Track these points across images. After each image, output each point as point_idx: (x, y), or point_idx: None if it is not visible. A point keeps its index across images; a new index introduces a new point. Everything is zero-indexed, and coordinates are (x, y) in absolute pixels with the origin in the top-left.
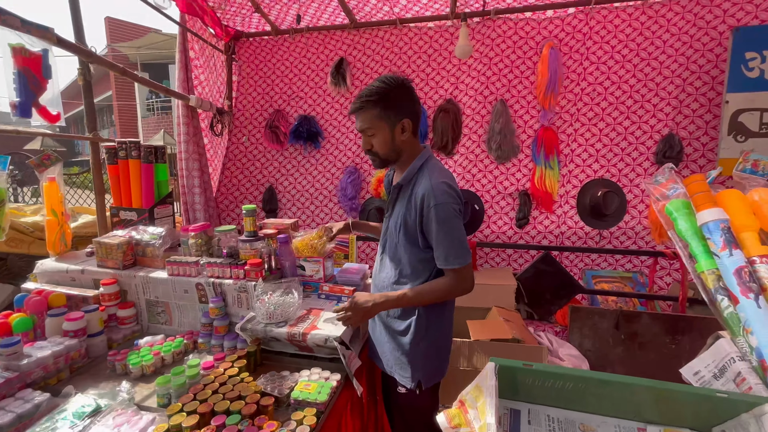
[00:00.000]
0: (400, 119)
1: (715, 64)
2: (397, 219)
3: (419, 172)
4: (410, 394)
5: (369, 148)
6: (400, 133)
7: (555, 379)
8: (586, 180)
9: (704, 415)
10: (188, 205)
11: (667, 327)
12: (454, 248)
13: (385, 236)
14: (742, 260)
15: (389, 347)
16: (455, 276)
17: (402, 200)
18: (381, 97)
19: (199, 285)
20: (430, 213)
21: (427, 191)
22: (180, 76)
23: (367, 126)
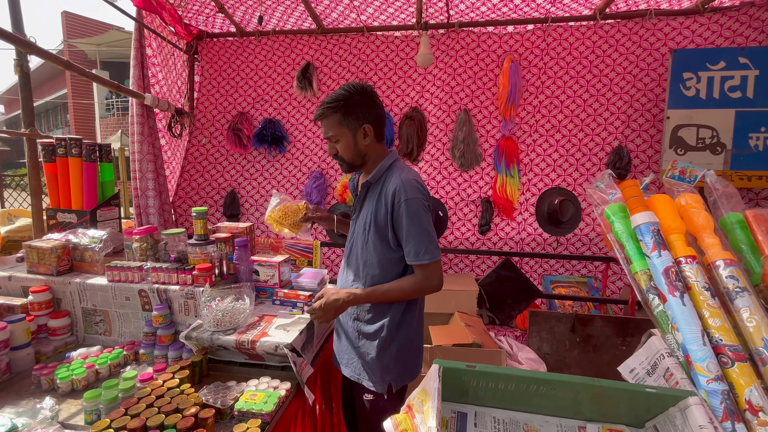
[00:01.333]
0: (361, 124)
1: (657, 83)
2: (366, 218)
3: (388, 171)
4: (378, 399)
5: (335, 153)
6: (362, 138)
7: (498, 380)
8: (544, 188)
9: (638, 411)
10: (141, 209)
11: (618, 329)
12: (424, 243)
13: (351, 238)
14: (670, 260)
15: (358, 352)
16: (424, 272)
17: (371, 199)
18: (342, 104)
19: (142, 292)
20: (401, 207)
21: (398, 186)
22: (135, 73)
23: (331, 133)
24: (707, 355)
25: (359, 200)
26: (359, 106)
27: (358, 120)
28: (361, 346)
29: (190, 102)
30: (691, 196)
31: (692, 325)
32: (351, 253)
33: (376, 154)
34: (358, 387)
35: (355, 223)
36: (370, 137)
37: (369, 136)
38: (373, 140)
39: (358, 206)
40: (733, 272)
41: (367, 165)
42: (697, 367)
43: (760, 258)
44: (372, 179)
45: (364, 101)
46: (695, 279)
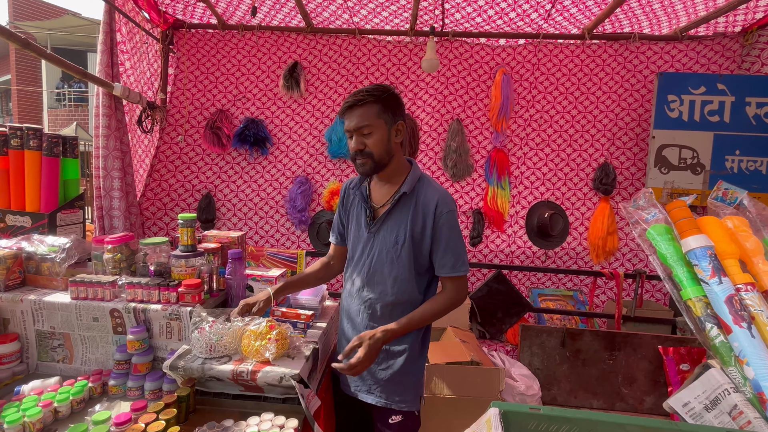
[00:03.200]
0: (397, 121)
1: (641, 104)
2: (399, 230)
3: (420, 182)
4: (407, 419)
5: (361, 149)
6: (395, 135)
7: (560, 423)
8: (534, 201)
9: None
10: (104, 211)
11: (606, 343)
12: (461, 255)
13: (370, 254)
14: (732, 288)
15: (386, 374)
16: (457, 284)
17: (403, 210)
18: (381, 96)
19: (115, 311)
20: (443, 218)
21: (440, 198)
22: (103, 60)
23: (365, 123)
24: None
25: (386, 211)
26: (397, 103)
27: (395, 116)
28: (390, 366)
29: (164, 95)
30: (739, 219)
31: (765, 359)
32: (373, 269)
33: (399, 159)
34: (384, 412)
35: (374, 237)
36: (401, 136)
37: (401, 134)
38: (402, 142)
39: (383, 217)
40: None
41: (388, 169)
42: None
43: None
44: (407, 188)
45: (399, 101)
46: (758, 308)
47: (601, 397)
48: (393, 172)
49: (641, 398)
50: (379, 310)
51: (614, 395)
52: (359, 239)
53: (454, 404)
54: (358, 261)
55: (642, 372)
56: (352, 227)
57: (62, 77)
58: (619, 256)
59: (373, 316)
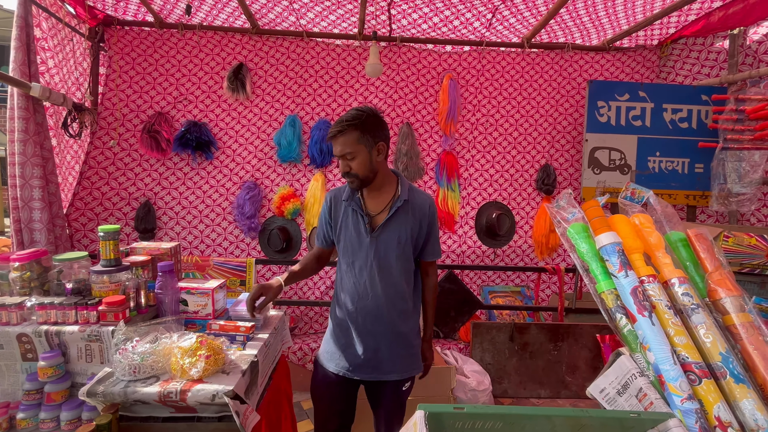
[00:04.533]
0: (376, 142)
1: (576, 108)
2: (401, 231)
3: (410, 189)
4: (412, 381)
5: (348, 171)
6: (376, 155)
7: (484, 420)
8: (482, 202)
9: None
10: (23, 224)
11: (550, 335)
12: (438, 245)
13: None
14: (636, 280)
15: (400, 353)
16: (435, 267)
17: (403, 214)
18: (360, 122)
19: (23, 336)
20: (434, 216)
21: (430, 200)
22: (18, 57)
23: (348, 150)
24: (679, 374)
25: (387, 217)
26: (374, 125)
27: (374, 138)
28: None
29: (93, 96)
30: (644, 216)
31: (663, 344)
32: (382, 266)
33: (384, 171)
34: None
35: (377, 240)
36: (383, 154)
37: (382, 153)
38: (383, 158)
39: (386, 222)
40: (687, 289)
41: (375, 183)
42: (671, 387)
43: (703, 274)
44: (408, 196)
45: (377, 122)
46: (659, 298)
47: (548, 386)
48: (381, 184)
49: (583, 384)
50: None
51: (559, 384)
52: (360, 244)
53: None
54: (364, 263)
55: (583, 360)
56: (346, 234)
57: None
58: (561, 252)
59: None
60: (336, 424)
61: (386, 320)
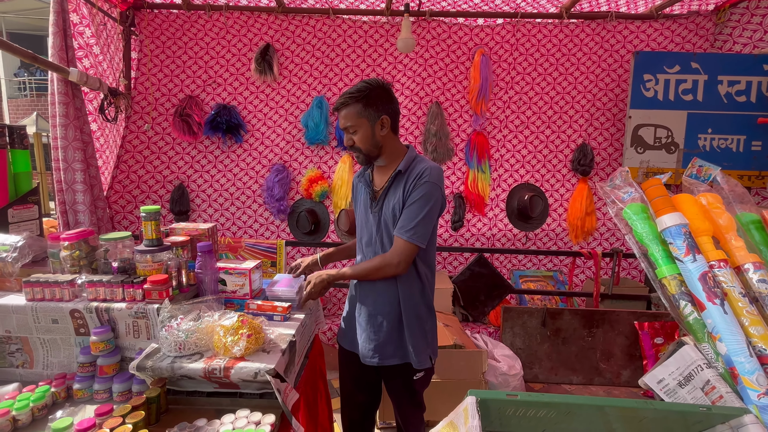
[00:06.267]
0: (379, 116)
1: (618, 83)
2: (394, 202)
3: (415, 161)
4: (427, 373)
5: (351, 144)
6: (380, 129)
7: (537, 408)
8: (514, 184)
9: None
10: (68, 206)
11: (585, 321)
12: (415, 224)
13: (379, 228)
14: (705, 265)
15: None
16: (399, 249)
17: (398, 185)
18: (364, 95)
19: (75, 312)
20: (419, 184)
21: (427, 169)
22: (55, 43)
23: (349, 123)
24: (755, 367)
25: (384, 189)
26: (379, 99)
27: (377, 111)
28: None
29: (127, 81)
30: (713, 195)
31: (736, 335)
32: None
33: (392, 146)
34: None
35: (380, 213)
36: (386, 129)
37: (386, 127)
38: (389, 132)
39: (383, 196)
40: (764, 275)
41: (383, 156)
42: (746, 381)
43: None
44: (403, 167)
45: (383, 94)
46: (731, 284)
47: (580, 373)
48: (389, 158)
49: (618, 372)
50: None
51: (593, 371)
52: (366, 219)
53: (440, 387)
54: (369, 241)
55: (619, 347)
56: (359, 212)
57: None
58: (597, 235)
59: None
60: (360, 399)
61: (386, 301)
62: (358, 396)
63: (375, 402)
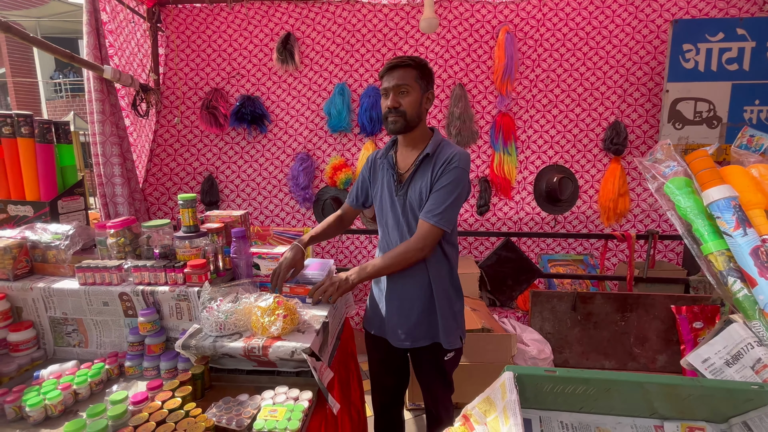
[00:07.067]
0: (429, 89)
1: (654, 56)
2: (421, 185)
3: (441, 144)
4: (457, 353)
5: (397, 106)
6: (426, 102)
7: (575, 385)
8: (542, 166)
9: (721, 406)
10: (108, 198)
11: (618, 305)
12: (443, 208)
13: (404, 212)
14: (758, 239)
15: (446, 320)
16: (424, 233)
17: (425, 169)
18: (421, 64)
19: (123, 295)
20: (448, 169)
21: (456, 154)
22: (90, 42)
23: (405, 82)
24: None
25: (411, 173)
26: (429, 74)
27: (428, 84)
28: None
29: (156, 76)
30: (765, 166)
31: None
32: (410, 225)
33: (424, 125)
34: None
35: (405, 196)
36: (430, 104)
37: (431, 101)
38: (427, 110)
39: (409, 179)
40: None
41: (414, 132)
42: None
43: None
44: (431, 151)
45: (431, 73)
46: None
47: (613, 358)
48: (418, 137)
49: (653, 357)
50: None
51: (626, 355)
52: (391, 202)
53: (469, 370)
54: (396, 224)
55: (654, 332)
56: (379, 194)
57: (57, 67)
58: (630, 217)
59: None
60: (389, 383)
61: (416, 284)
62: (387, 379)
63: (404, 384)
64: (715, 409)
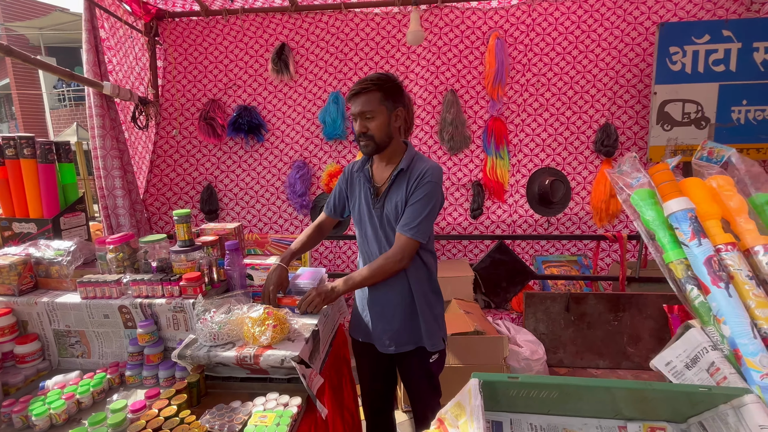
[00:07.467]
0: (397, 107)
1: (642, 58)
2: (397, 199)
3: (415, 159)
4: (441, 354)
5: (364, 131)
6: (395, 121)
7: (539, 389)
8: (534, 169)
9: (681, 407)
10: (110, 210)
11: (611, 305)
12: (419, 221)
13: (381, 225)
14: (711, 249)
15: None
16: (402, 245)
17: (400, 183)
18: (383, 84)
19: (123, 308)
20: (423, 184)
21: (430, 168)
22: (89, 59)
23: (368, 108)
24: (759, 348)
25: (387, 187)
26: (396, 90)
27: (395, 102)
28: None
29: (155, 90)
30: (723, 178)
31: (740, 317)
32: (388, 237)
33: (397, 141)
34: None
35: (382, 209)
36: (400, 120)
37: (399, 119)
38: (401, 124)
39: (385, 193)
40: None
41: (387, 150)
42: (749, 362)
43: None
44: (404, 165)
45: (399, 88)
46: (738, 267)
47: (607, 357)
48: (392, 153)
49: (647, 356)
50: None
51: (620, 355)
52: (368, 216)
53: (461, 372)
54: (374, 236)
55: (647, 331)
56: (357, 206)
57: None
58: (622, 218)
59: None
60: (378, 387)
61: (396, 291)
62: (376, 384)
63: (392, 388)
64: (675, 409)
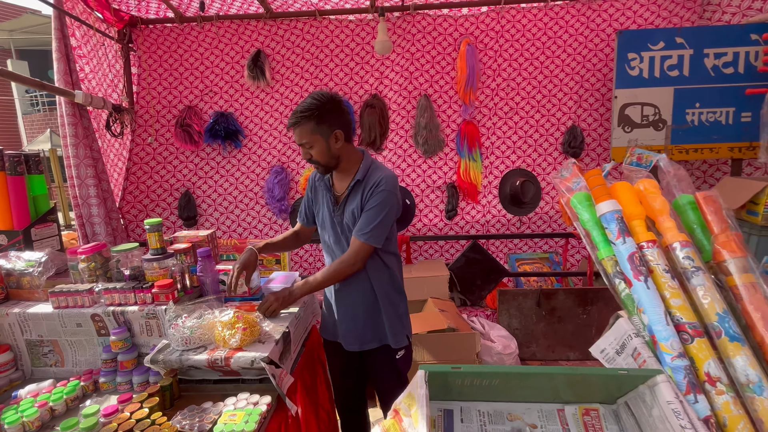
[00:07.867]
0: (333, 131)
1: (605, 63)
2: (353, 207)
3: (371, 168)
4: (407, 351)
5: (309, 158)
6: (334, 143)
7: (482, 378)
8: (505, 170)
9: (611, 390)
10: (85, 219)
11: (579, 300)
12: (372, 224)
13: (342, 229)
14: (634, 246)
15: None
16: (356, 250)
17: (356, 193)
18: (315, 113)
19: (95, 316)
20: (376, 192)
21: (384, 178)
22: (60, 68)
23: (305, 140)
24: (670, 334)
25: (345, 197)
26: (330, 114)
27: (330, 127)
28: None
29: (129, 97)
30: (649, 181)
31: (656, 307)
32: (348, 241)
33: (348, 154)
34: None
35: (342, 216)
36: (341, 141)
37: (340, 140)
38: (344, 143)
39: (344, 202)
40: (689, 253)
41: (341, 165)
42: (662, 346)
43: (710, 237)
44: (361, 177)
45: (333, 108)
46: (656, 262)
47: (577, 349)
48: (346, 166)
49: None
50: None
51: (589, 346)
52: (329, 223)
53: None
54: (337, 241)
55: None
56: (320, 213)
57: None
58: None
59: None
60: (348, 384)
61: (359, 291)
62: (346, 382)
63: (363, 384)
64: (606, 392)
